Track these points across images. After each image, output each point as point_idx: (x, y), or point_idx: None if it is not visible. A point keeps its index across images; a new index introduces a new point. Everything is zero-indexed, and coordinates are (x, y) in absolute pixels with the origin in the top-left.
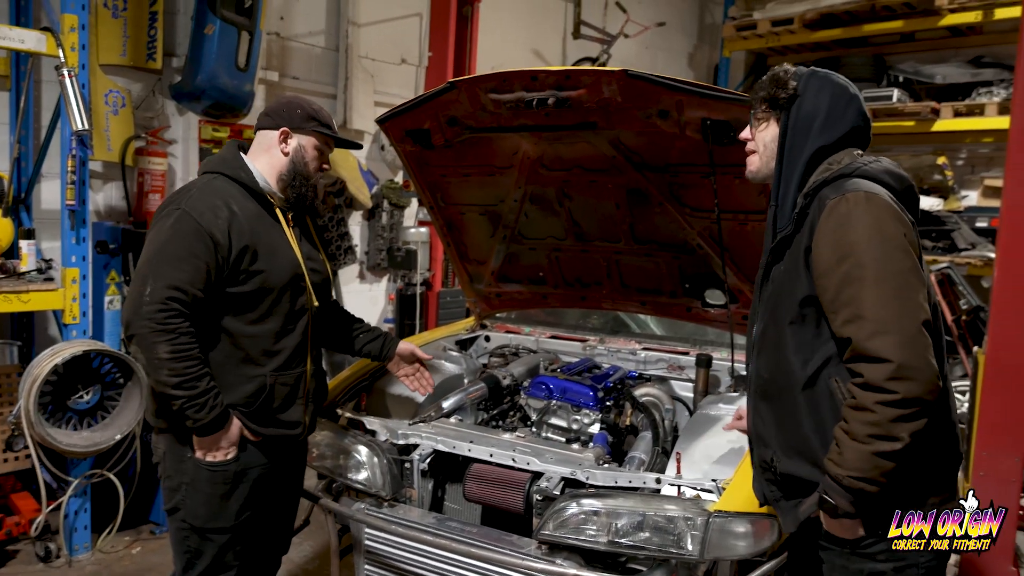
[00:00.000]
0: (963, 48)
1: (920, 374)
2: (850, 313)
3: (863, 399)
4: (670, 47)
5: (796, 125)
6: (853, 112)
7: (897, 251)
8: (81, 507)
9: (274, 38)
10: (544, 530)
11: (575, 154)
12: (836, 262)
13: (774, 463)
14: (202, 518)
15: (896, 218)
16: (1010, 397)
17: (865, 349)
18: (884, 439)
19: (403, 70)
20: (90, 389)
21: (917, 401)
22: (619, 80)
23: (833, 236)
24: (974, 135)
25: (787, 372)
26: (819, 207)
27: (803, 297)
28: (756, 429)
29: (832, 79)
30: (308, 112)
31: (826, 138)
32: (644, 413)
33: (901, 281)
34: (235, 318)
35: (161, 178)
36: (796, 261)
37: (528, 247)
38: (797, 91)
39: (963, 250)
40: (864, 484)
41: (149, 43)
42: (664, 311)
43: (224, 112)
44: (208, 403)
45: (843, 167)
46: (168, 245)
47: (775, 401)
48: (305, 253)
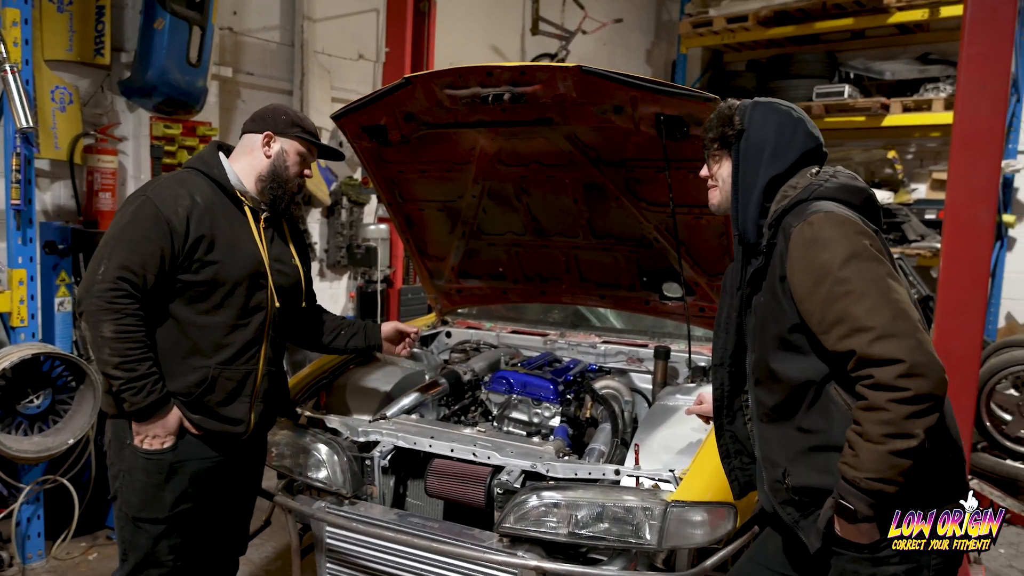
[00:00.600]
0: (911, 45)
1: (930, 370)
2: (845, 329)
3: (875, 399)
4: (628, 44)
5: (746, 158)
6: (801, 136)
7: (870, 261)
8: (34, 514)
9: (227, 33)
10: (505, 523)
11: (532, 150)
12: (814, 285)
13: (786, 478)
14: (135, 507)
15: (859, 231)
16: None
17: (871, 355)
18: (899, 437)
19: (360, 66)
20: (41, 393)
21: (929, 397)
22: (573, 76)
23: (805, 261)
24: (922, 130)
25: (788, 395)
26: (785, 236)
27: (790, 326)
28: (763, 453)
29: (775, 107)
30: (293, 119)
31: (778, 167)
32: (604, 405)
33: (883, 286)
34: (187, 307)
35: (112, 176)
36: (774, 291)
37: (487, 243)
38: (743, 126)
39: (913, 241)
40: (883, 485)
41: (97, 38)
42: (623, 304)
43: (176, 108)
44: (146, 387)
45: (800, 192)
46: (127, 229)
47: (781, 423)
48: (274, 255)
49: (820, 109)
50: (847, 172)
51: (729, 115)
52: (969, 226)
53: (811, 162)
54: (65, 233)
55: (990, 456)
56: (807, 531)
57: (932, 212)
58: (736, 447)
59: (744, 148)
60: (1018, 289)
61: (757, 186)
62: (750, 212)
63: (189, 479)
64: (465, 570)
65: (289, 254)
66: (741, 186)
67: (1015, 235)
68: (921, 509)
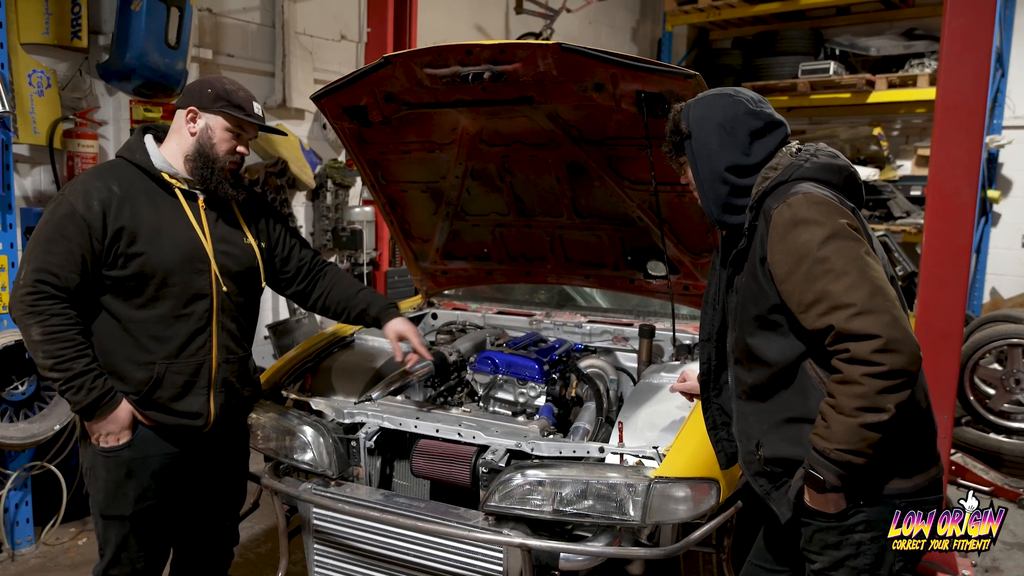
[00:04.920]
0: (896, 21)
1: (905, 347)
2: (824, 307)
3: (850, 372)
4: (613, 22)
5: (700, 156)
6: (744, 118)
7: (847, 240)
8: (22, 500)
9: (206, 14)
10: (490, 502)
11: (514, 129)
12: (794, 265)
13: (759, 450)
14: (100, 504)
15: (837, 211)
16: (938, 357)
17: (849, 330)
18: (871, 411)
19: (343, 46)
20: (25, 380)
21: (903, 372)
22: (554, 54)
23: (784, 242)
24: (907, 106)
25: (767, 373)
26: (766, 218)
27: (771, 306)
28: (740, 428)
29: (709, 100)
30: (218, 92)
31: (731, 154)
32: (589, 384)
33: (861, 265)
34: (122, 302)
35: (92, 161)
36: (755, 272)
37: (471, 223)
38: (688, 128)
39: (898, 218)
40: (852, 456)
41: (73, 20)
42: (608, 284)
43: (156, 91)
44: (85, 385)
45: (780, 173)
46: (42, 230)
47: (758, 400)
48: (218, 236)
49: (806, 86)
50: (828, 150)
51: (676, 122)
52: (951, 201)
53: (779, 138)
54: None
55: (974, 430)
56: (778, 501)
57: (917, 188)
58: (722, 419)
59: (695, 148)
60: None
61: (717, 177)
62: (714, 203)
63: (151, 475)
64: (451, 549)
65: (240, 234)
66: (704, 182)
67: (1000, 211)
68: (890, 479)
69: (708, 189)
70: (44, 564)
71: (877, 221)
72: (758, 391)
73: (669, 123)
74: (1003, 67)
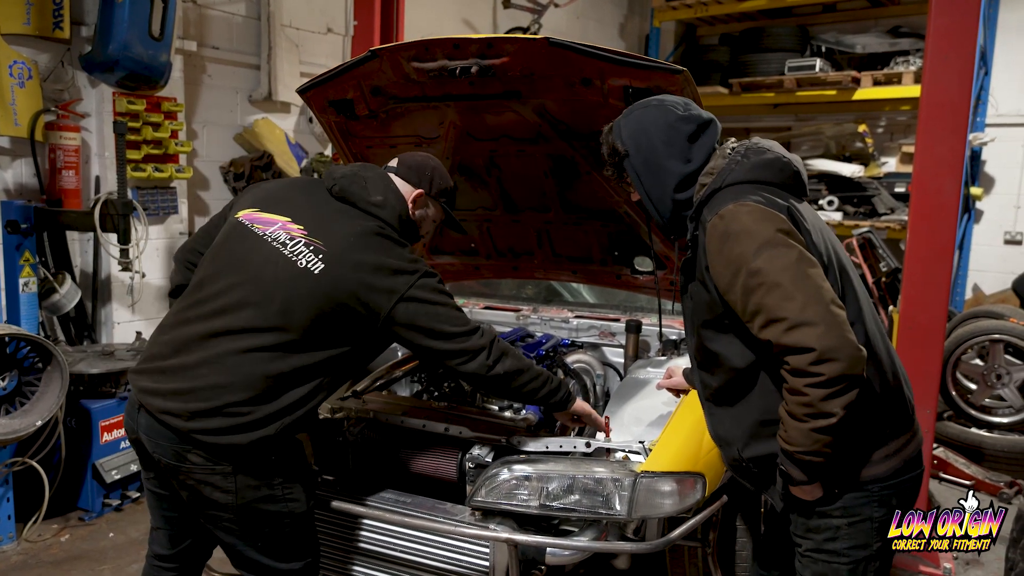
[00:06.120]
0: (882, 18)
1: (841, 353)
2: (762, 319)
3: (794, 383)
4: (601, 17)
5: (642, 173)
6: (678, 124)
7: (778, 248)
8: (3, 496)
9: (191, 5)
10: (477, 497)
11: (502, 123)
12: (732, 277)
13: (741, 454)
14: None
15: (767, 217)
16: (921, 352)
17: (785, 343)
18: (819, 417)
19: (329, 39)
20: (6, 375)
21: (843, 379)
22: (541, 48)
23: (721, 255)
24: (893, 103)
25: (728, 377)
26: (703, 229)
27: (722, 311)
28: (716, 432)
29: (637, 115)
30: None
31: (676, 163)
32: (576, 379)
33: (793, 274)
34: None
35: (75, 153)
36: (703, 280)
37: (459, 218)
38: (624, 148)
39: (883, 215)
40: (811, 457)
41: (55, 11)
42: (595, 279)
43: (140, 83)
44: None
45: (713, 180)
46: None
47: (727, 403)
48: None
49: (792, 83)
50: (759, 146)
51: (611, 144)
52: (935, 197)
53: (713, 136)
54: (28, 212)
55: (956, 425)
56: (772, 495)
57: (902, 185)
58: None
59: (636, 165)
60: (985, 261)
61: (665, 193)
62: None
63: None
64: (438, 544)
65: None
66: (652, 195)
67: (982, 208)
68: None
69: (657, 202)
70: (26, 561)
71: (862, 218)
72: (724, 394)
73: (604, 146)
74: (987, 65)
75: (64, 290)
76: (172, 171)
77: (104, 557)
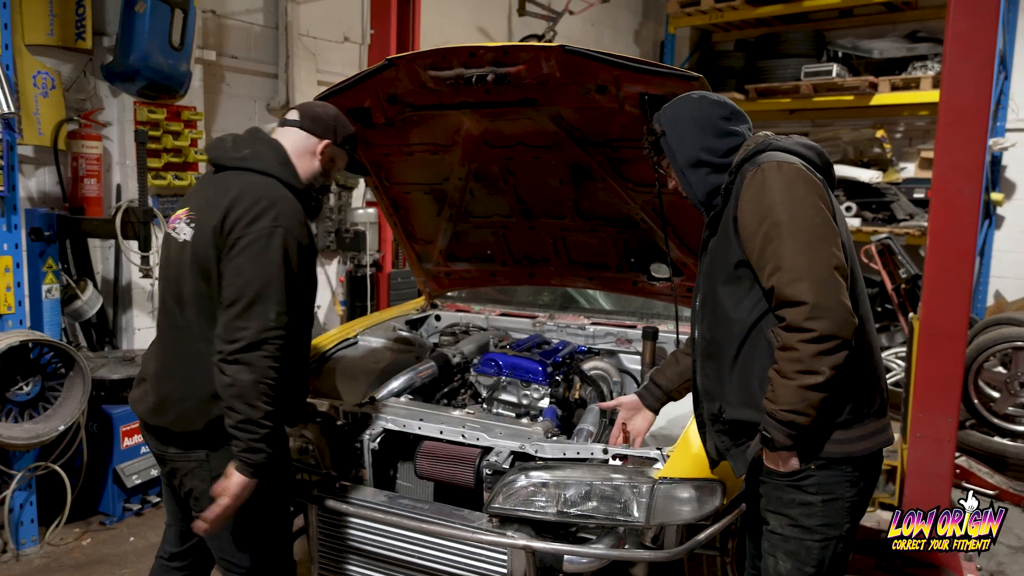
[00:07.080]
0: (899, 23)
1: (833, 313)
2: (772, 267)
3: (787, 339)
4: (616, 24)
5: (676, 148)
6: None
7: (808, 208)
8: (27, 500)
9: (210, 16)
10: (494, 503)
11: (517, 131)
12: (758, 224)
13: (722, 412)
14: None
15: (806, 180)
16: (942, 360)
17: (784, 295)
18: (808, 374)
19: (346, 48)
20: (30, 380)
21: (833, 337)
22: (557, 56)
23: (753, 202)
24: (911, 108)
25: (728, 329)
26: (740, 180)
27: (736, 261)
28: (703, 386)
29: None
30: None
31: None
32: (592, 386)
33: (813, 234)
34: None
35: (96, 162)
36: (727, 230)
37: (475, 225)
38: (662, 128)
39: (902, 221)
40: (796, 416)
41: (78, 22)
42: (611, 286)
43: (160, 93)
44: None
45: (758, 144)
46: None
47: (719, 358)
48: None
49: (808, 88)
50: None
51: (651, 128)
52: (955, 203)
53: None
54: (51, 220)
55: (978, 433)
56: (736, 458)
57: (921, 191)
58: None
59: (671, 142)
60: (1006, 267)
61: (694, 159)
62: (697, 187)
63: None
64: (455, 550)
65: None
66: (684, 169)
67: (1003, 213)
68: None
69: (690, 175)
70: (48, 564)
71: (880, 224)
72: (719, 348)
73: (645, 133)
74: (1006, 69)
75: (86, 296)
76: (192, 179)
77: (125, 561)
